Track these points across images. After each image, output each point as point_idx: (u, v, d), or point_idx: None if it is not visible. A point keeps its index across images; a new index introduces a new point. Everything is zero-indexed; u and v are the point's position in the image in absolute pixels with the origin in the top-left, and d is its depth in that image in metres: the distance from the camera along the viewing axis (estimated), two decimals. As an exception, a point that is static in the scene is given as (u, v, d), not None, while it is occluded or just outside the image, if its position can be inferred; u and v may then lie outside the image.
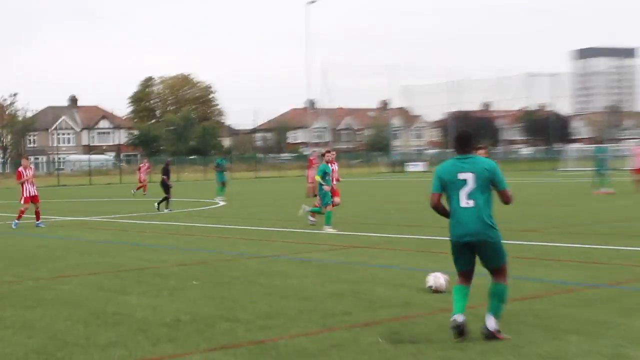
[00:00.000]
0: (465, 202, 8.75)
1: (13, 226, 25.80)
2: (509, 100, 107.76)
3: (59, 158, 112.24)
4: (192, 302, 11.61)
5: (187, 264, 15.93)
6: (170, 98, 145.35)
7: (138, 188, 48.82)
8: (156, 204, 33.23)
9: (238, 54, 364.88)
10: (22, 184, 26.16)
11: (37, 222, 25.95)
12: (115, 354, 8.66)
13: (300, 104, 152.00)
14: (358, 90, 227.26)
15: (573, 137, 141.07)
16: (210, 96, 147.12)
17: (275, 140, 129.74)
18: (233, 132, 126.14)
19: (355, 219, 26.16)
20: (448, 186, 8.89)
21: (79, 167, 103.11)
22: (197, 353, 8.58)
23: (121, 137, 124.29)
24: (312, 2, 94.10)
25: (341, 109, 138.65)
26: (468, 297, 8.94)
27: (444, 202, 9.04)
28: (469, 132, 9.14)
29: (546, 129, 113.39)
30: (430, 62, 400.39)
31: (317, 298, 11.62)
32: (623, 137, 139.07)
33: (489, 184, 8.81)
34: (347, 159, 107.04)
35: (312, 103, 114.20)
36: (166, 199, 33.28)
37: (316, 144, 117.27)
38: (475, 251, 8.86)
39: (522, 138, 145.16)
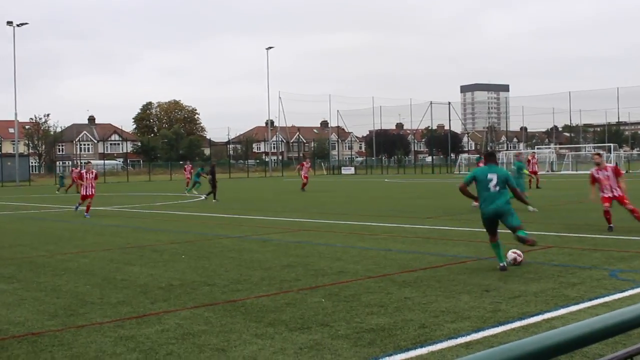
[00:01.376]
0: (493, 189, 10.83)
1: (81, 214, 24.74)
2: (416, 121, 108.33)
3: (81, 163, 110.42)
4: (181, 272, 11.50)
5: (177, 243, 15.77)
6: (164, 118, 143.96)
7: (187, 185, 48.06)
8: (204, 196, 33.88)
9: (217, 86, 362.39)
10: (80, 184, 24.81)
11: (86, 214, 24.37)
12: (123, 310, 8.54)
13: (262, 123, 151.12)
14: (305, 113, 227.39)
15: (463, 149, 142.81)
16: (195, 117, 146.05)
17: (244, 150, 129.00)
18: (212, 144, 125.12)
19: (304, 209, 26.13)
20: (480, 181, 10.94)
21: (96, 169, 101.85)
22: (185, 309, 8.49)
23: (127, 147, 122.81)
24: (270, 48, 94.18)
25: (293, 126, 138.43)
26: (502, 247, 10.92)
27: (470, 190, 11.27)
28: (494, 152, 11.56)
29: (444, 143, 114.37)
30: (359, 92, 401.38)
31: (275, 268, 11.57)
32: (499, 150, 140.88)
33: (505, 182, 10.89)
34: (297, 164, 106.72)
35: (271, 122, 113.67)
36: (212, 192, 33.42)
37: (275, 153, 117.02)
38: (498, 219, 10.88)
39: (426, 149, 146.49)
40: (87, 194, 25.08)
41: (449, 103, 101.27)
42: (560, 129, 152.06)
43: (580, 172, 71.23)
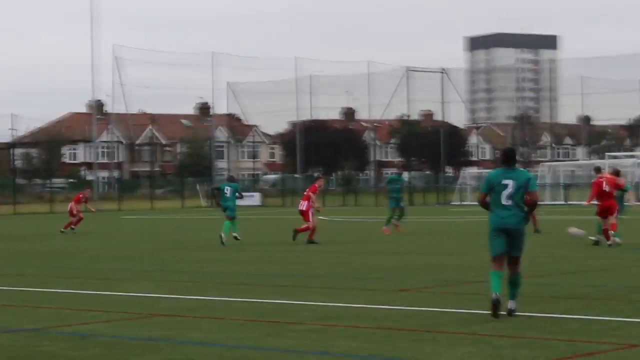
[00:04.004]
0: (506, 200, 16.17)
1: None
2: (380, 105, 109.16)
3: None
4: None
5: None
6: None
7: (75, 224, 50.43)
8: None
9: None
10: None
11: None
12: None
13: (81, 107, 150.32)
14: (165, 89, 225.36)
15: (470, 158, 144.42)
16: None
17: (44, 159, 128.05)
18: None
19: (162, 274, 26.12)
20: (493, 189, 16.34)
21: None
22: None
23: None
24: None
25: (142, 114, 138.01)
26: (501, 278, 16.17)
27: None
28: (513, 150, 17.64)
29: (433, 147, 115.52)
30: (267, 48, 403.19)
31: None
32: (537, 159, 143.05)
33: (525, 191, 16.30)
34: (150, 187, 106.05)
35: (99, 106, 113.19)
36: None
37: (106, 165, 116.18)
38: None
39: (399, 159, 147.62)
40: None
41: (443, 70, 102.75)
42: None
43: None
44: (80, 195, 53.20)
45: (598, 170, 35.41)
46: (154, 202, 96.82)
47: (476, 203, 20.57)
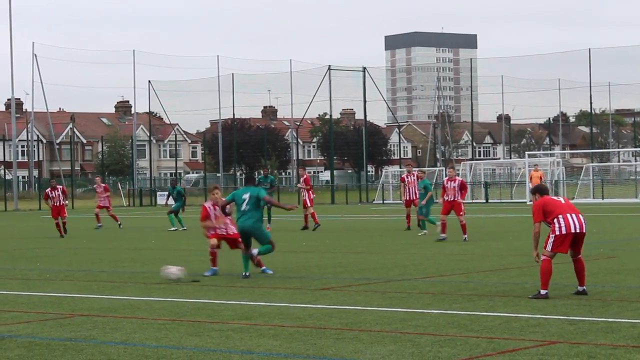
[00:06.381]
0: (245, 207, 22.80)
1: None
2: (302, 105, 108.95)
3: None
4: None
5: None
6: None
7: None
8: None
9: None
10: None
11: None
12: None
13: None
14: (87, 87, 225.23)
15: (391, 157, 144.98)
16: None
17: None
18: None
19: (80, 275, 25.94)
20: (236, 202, 23.15)
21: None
22: None
23: None
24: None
25: (61, 112, 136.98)
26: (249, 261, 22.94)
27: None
28: (252, 175, 28.95)
29: (355, 145, 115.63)
30: (189, 47, 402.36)
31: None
32: (458, 158, 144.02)
33: (257, 201, 23.20)
34: (71, 186, 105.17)
35: (18, 104, 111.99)
36: None
37: (25, 164, 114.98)
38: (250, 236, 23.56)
39: (320, 158, 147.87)
40: None
41: (364, 69, 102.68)
42: (571, 120, 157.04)
43: (610, 200, 73.39)
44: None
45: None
46: (74, 201, 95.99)
47: (398, 202, 22.97)
